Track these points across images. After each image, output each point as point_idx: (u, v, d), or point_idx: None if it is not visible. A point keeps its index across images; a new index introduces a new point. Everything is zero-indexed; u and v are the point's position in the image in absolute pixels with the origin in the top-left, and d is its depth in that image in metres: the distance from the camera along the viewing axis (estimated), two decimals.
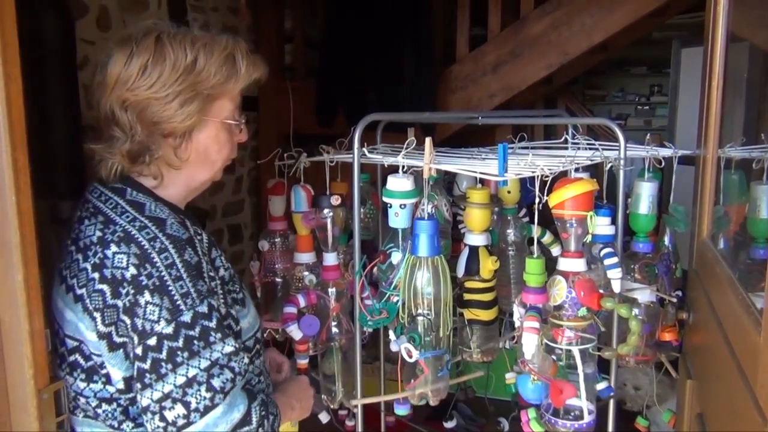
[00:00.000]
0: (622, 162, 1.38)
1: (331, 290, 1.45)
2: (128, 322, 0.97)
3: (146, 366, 0.96)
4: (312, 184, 1.53)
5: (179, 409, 0.96)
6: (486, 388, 1.88)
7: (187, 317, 0.97)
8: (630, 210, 1.48)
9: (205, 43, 1.06)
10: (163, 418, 0.96)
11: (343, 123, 3.28)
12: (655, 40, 4.98)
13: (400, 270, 1.31)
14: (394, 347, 1.29)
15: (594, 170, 1.50)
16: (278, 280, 1.62)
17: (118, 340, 0.98)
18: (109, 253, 0.99)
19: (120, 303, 0.97)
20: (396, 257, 1.33)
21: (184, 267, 1.00)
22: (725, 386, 0.97)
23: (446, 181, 1.69)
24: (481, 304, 1.45)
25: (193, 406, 0.96)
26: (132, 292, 0.97)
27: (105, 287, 0.98)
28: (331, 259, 1.45)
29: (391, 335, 1.30)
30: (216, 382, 0.98)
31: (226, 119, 1.11)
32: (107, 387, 1.02)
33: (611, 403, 1.42)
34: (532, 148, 1.59)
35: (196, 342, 0.97)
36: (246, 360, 1.06)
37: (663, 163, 1.50)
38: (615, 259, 1.32)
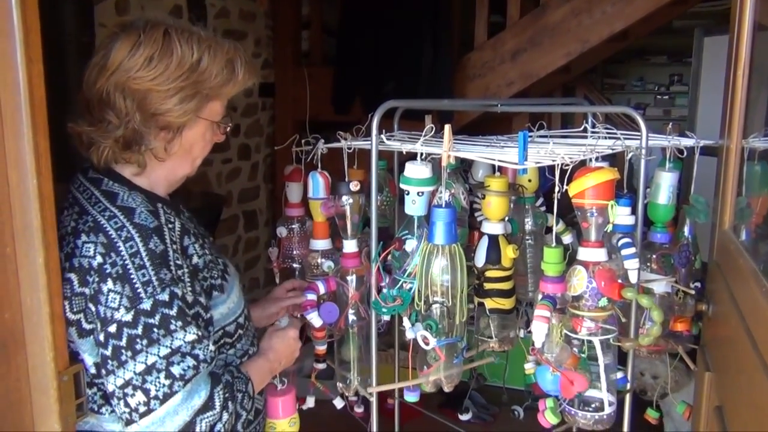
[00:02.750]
0: (643, 151, 1.36)
1: (351, 278, 1.44)
2: (93, 309, 0.99)
3: (108, 353, 0.98)
4: (328, 171, 1.53)
5: (139, 396, 0.98)
6: (501, 377, 1.88)
7: (146, 305, 0.99)
8: (648, 200, 1.46)
9: (210, 45, 1.09)
10: (126, 404, 0.99)
11: (359, 110, 3.27)
12: (675, 28, 4.91)
13: (415, 257, 1.30)
14: (410, 335, 1.29)
15: (612, 160, 1.48)
16: (296, 266, 1.63)
17: (87, 327, 1.00)
18: (79, 242, 1.01)
19: (87, 291, 0.99)
20: (410, 244, 1.33)
21: (148, 256, 1.01)
22: (747, 379, 0.96)
23: (462, 168, 1.68)
24: (502, 293, 1.44)
25: (153, 393, 0.98)
26: (97, 280, 0.99)
27: (73, 276, 1.00)
28: (351, 246, 1.44)
29: (406, 323, 1.29)
30: (176, 370, 0.99)
31: (214, 119, 1.14)
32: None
33: (627, 394, 1.41)
34: (551, 136, 1.58)
35: (155, 330, 0.99)
36: (212, 347, 1.07)
37: (685, 153, 1.48)
38: (632, 250, 1.31)
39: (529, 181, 1.61)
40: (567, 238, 1.63)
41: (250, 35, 3.54)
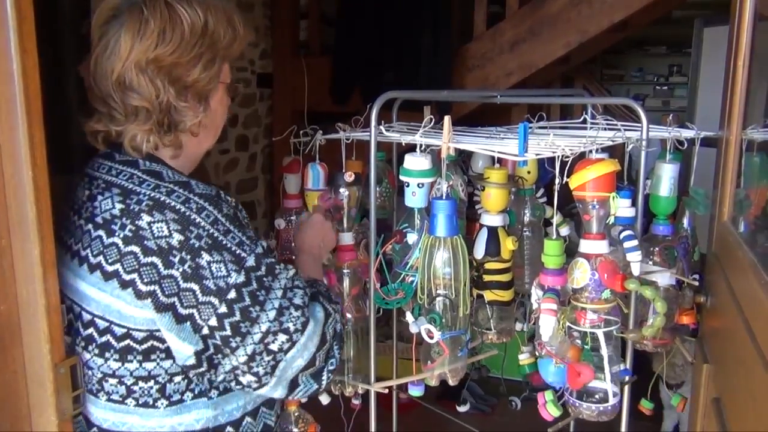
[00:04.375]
0: (644, 143, 1.35)
1: (347, 271, 1.43)
2: (197, 287, 0.96)
3: (237, 317, 0.97)
4: (325, 162, 1.52)
5: (281, 336, 1.00)
6: (500, 368, 1.88)
7: (251, 261, 0.99)
8: (650, 192, 1.46)
9: (207, 5, 1.04)
10: (269, 352, 1.00)
11: (358, 100, 3.26)
12: (675, 19, 4.90)
13: (416, 250, 1.30)
14: (413, 329, 1.28)
15: (611, 151, 1.48)
16: (294, 257, 1.62)
17: (183, 312, 0.96)
18: (142, 223, 0.95)
19: (176, 273, 0.95)
20: (411, 238, 1.32)
21: (227, 220, 1.00)
22: (745, 371, 0.96)
23: (461, 160, 1.68)
24: (501, 285, 1.44)
25: (292, 328, 1.01)
26: (188, 258, 0.95)
27: (155, 259, 0.95)
28: (347, 238, 1.43)
29: (409, 317, 1.29)
30: (297, 301, 1.03)
31: (227, 81, 1.11)
32: (144, 365, 1.01)
33: (626, 386, 1.41)
34: (551, 127, 1.57)
35: (265, 279, 1.01)
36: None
37: (685, 145, 1.48)
38: (635, 242, 1.30)
39: (529, 172, 1.60)
40: (564, 230, 1.62)
41: (248, 25, 3.51)
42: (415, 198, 1.29)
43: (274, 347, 1.00)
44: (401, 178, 1.30)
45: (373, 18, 3.19)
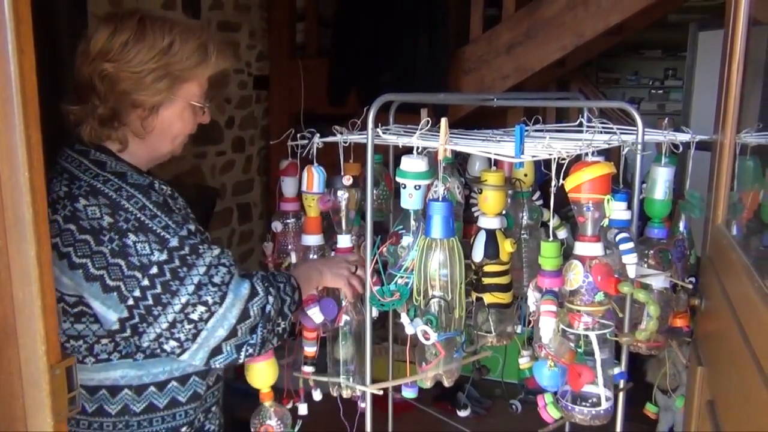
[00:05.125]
0: (639, 146, 1.36)
1: None
2: (123, 263, 1.11)
3: (159, 290, 1.12)
4: (322, 165, 1.51)
5: (200, 308, 1.13)
6: (498, 371, 1.88)
7: (174, 242, 1.14)
8: (645, 195, 1.46)
9: (182, 30, 1.21)
10: (190, 321, 1.13)
11: (355, 103, 3.26)
12: (670, 22, 4.91)
13: (411, 252, 1.30)
14: (409, 330, 1.28)
15: (607, 154, 1.48)
16: (292, 261, 1.62)
17: (111, 283, 1.12)
18: (79, 206, 1.12)
19: (105, 249, 1.11)
20: (406, 240, 1.32)
21: (154, 206, 1.16)
22: (738, 373, 0.96)
23: (457, 162, 1.68)
24: (500, 287, 1.44)
25: (210, 301, 1.14)
26: (116, 237, 1.11)
27: (88, 236, 1.11)
28: (345, 241, 1.43)
29: (404, 318, 1.29)
30: (217, 279, 1.15)
31: (192, 101, 1.25)
32: (75, 326, 1.17)
33: (621, 391, 1.41)
34: (547, 130, 1.57)
35: (188, 257, 1.14)
36: (230, 254, 1.22)
37: (680, 148, 1.48)
38: (630, 245, 1.31)
39: (525, 175, 1.61)
40: (562, 233, 1.62)
41: (245, 27, 3.52)
42: (411, 200, 1.29)
43: (194, 317, 1.13)
44: (397, 180, 1.30)
45: (370, 20, 3.19)
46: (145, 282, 1.11)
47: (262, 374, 1.38)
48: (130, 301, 1.12)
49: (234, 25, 3.43)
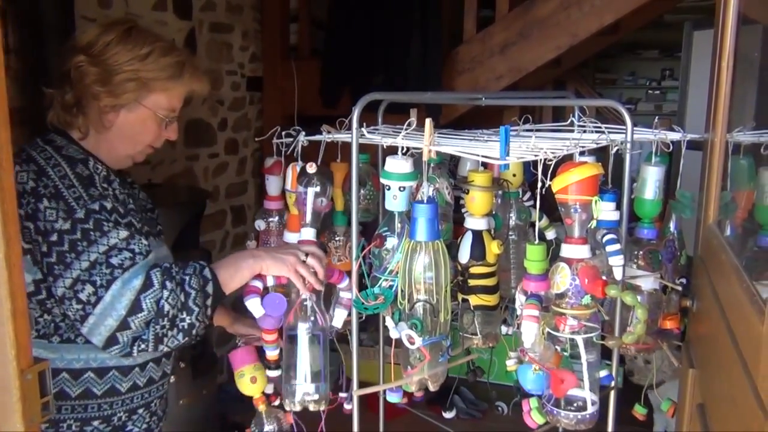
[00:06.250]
0: (628, 145, 1.34)
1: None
2: (32, 226, 1.14)
3: (53, 259, 1.14)
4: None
5: (88, 288, 1.13)
6: (488, 373, 1.86)
7: (80, 214, 1.15)
8: (635, 195, 1.44)
9: (165, 46, 1.28)
10: (79, 301, 1.14)
11: (348, 104, 3.23)
12: (667, 22, 4.90)
13: (396, 254, 1.28)
14: (394, 334, 1.26)
15: (602, 154, 1.46)
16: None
17: (25, 246, 1.13)
18: (15, 171, 1.13)
19: (22, 212, 1.13)
20: (391, 242, 1.30)
21: (76, 178, 1.19)
22: (726, 376, 0.95)
23: (452, 164, 1.66)
24: (487, 289, 1.42)
25: (98, 283, 1.13)
26: (33, 201, 1.15)
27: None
28: (308, 234, 1.36)
29: (389, 322, 1.27)
30: (114, 261, 1.15)
31: (156, 111, 1.29)
32: None
33: (612, 391, 1.39)
34: (537, 130, 1.55)
35: (91, 232, 1.15)
36: (146, 242, 1.21)
37: (671, 148, 1.46)
38: (617, 246, 1.29)
39: (514, 175, 1.59)
40: (550, 234, 1.60)
41: (237, 28, 3.50)
42: (395, 201, 1.27)
43: (82, 296, 1.13)
44: (382, 181, 1.28)
45: (362, 21, 3.18)
46: (44, 248, 1.14)
47: (247, 383, 1.35)
48: (38, 265, 1.16)
49: (226, 26, 3.41)
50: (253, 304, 1.26)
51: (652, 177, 1.42)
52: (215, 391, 2.53)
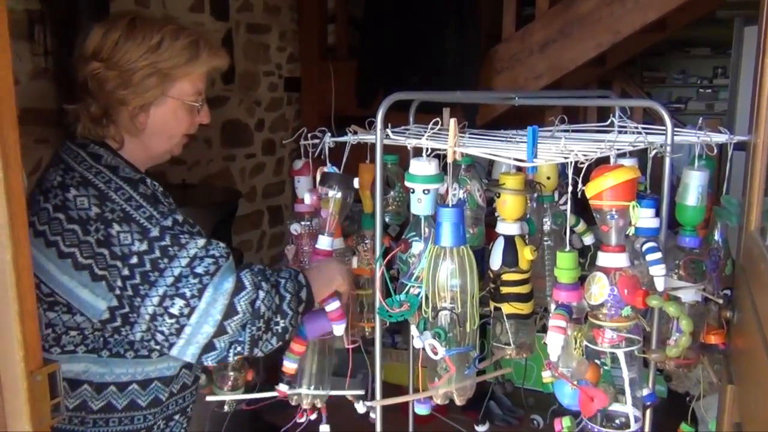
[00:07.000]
0: (668, 148, 1.26)
1: None
2: (106, 252, 1.12)
3: (137, 280, 1.11)
4: (349, 166, 1.46)
5: (179, 301, 1.11)
6: (526, 379, 1.79)
7: (155, 232, 1.13)
8: (677, 201, 1.37)
9: (173, 29, 1.22)
10: (171, 315, 1.11)
11: None
12: (719, 18, 4.71)
13: (422, 260, 1.23)
14: (417, 344, 1.22)
15: (644, 157, 1.39)
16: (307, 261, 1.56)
17: (99, 272, 1.12)
18: (69, 195, 1.14)
19: (91, 239, 1.12)
20: (417, 247, 1.26)
21: (141, 197, 1.16)
22: (763, 394, 0.87)
23: (489, 165, 1.61)
24: (520, 297, 1.36)
25: (188, 294, 1.11)
26: (102, 227, 1.12)
27: (75, 226, 1.13)
28: (324, 243, 1.34)
29: (414, 331, 1.22)
30: (199, 270, 1.13)
31: (185, 99, 1.25)
32: (47, 314, 1.17)
33: (648, 409, 1.32)
34: (574, 131, 1.49)
35: (170, 248, 1.13)
36: (222, 244, 1.19)
37: (717, 151, 1.38)
38: (658, 255, 1.21)
39: (548, 178, 1.53)
40: (588, 239, 1.54)
41: (275, 29, 3.50)
42: (420, 205, 1.22)
43: (174, 311, 1.11)
44: (406, 184, 1.24)
45: (397, 20, 3.14)
46: (126, 272, 1.11)
47: None
48: (117, 291, 1.12)
49: (264, 27, 3.42)
50: (333, 306, 1.31)
51: (695, 182, 1.34)
52: (249, 391, 2.52)
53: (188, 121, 1.28)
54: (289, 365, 1.35)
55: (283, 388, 1.37)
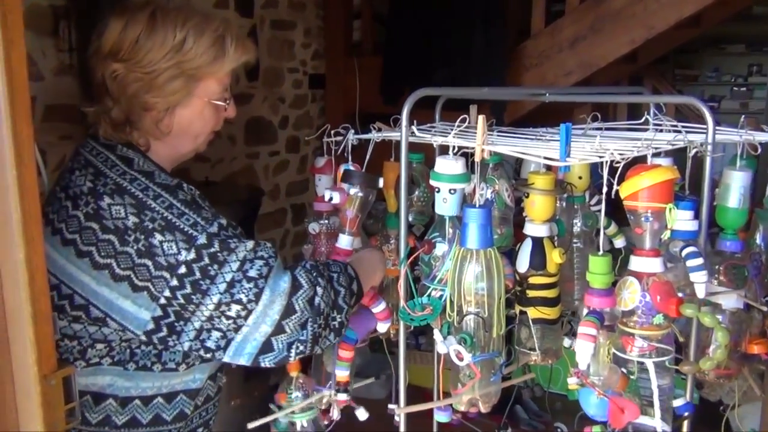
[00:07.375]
0: (709, 147, 1.20)
1: None
2: (150, 263, 1.06)
3: (189, 290, 1.06)
4: (373, 164, 1.43)
5: (235, 306, 1.07)
6: (552, 383, 1.74)
7: (202, 239, 1.08)
8: (717, 203, 1.30)
9: (197, 23, 1.13)
10: (228, 317, 1.08)
11: None
12: (755, 15, 4.58)
13: (446, 262, 1.19)
14: (441, 349, 1.18)
15: (679, 157, 1.33)
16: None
17: (139, 283, 1.07)
18: (103, 204, 1.08)
19: (130, 249, 1.07)
20: (441, 248, 1.21)
21: (182, 204, 1.11)
22: None
23: (517, 164, 1.57)
24: (547, 302, 1.32)
25: (244, 299, 1.07)
26: (142, 237, 1.07)
27: (112, 236, 1.07)
28: (344, 242, 1.31)
29: (437, 336, 1.18)
30: (252, 273, 1.08)
31: (212, 99, 1.19)
32: (72, 325, 1.10)
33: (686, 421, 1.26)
34: (607, 129, 1.43)
35: (219, 254, 1.08)
36: (269, 244, 1.15)
37: (759, 150, 1.31)
38: (700, 260, 1.15)
39: (580, 178, 1.47)
40: (619, 242, 1.48)
41: (300, 25, 3.48)
42: (446, 205, 1.18)
43: (231, 313, 1.08)
44: (431, 183, 1.20)
45: (423, 16, 3.10)
46: (174, 282, 1.06)
47: None
48: (162, 300, 1.07)
49: (288, 23, 3.39)
50: (380, 307, 1.29)
51: (737, 183, 1.28)
52: (267, 393, 2.51)
53: (215, 119, 1.23)
54: (342, 373, 1.32)
55: (342, 396, 1.35)
